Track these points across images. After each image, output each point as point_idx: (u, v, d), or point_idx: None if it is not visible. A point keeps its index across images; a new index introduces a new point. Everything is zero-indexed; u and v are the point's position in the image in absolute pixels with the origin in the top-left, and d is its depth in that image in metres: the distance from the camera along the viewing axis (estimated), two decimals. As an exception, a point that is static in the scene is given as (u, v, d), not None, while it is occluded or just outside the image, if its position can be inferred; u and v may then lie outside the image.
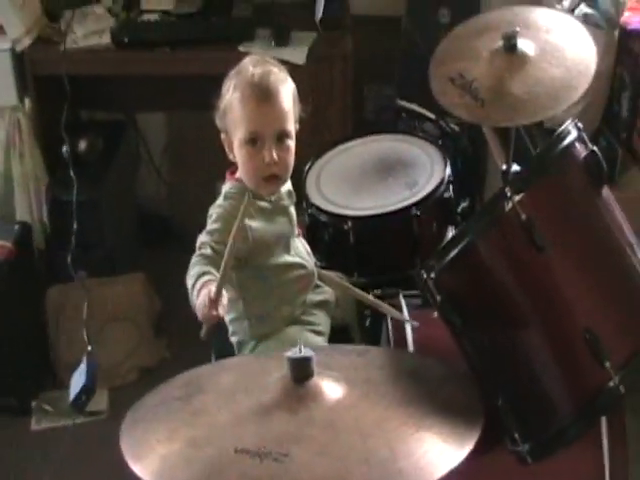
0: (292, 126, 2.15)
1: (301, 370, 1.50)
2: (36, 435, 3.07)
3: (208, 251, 2.03)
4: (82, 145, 3.36)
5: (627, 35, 3.05)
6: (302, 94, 2.20)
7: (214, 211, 2.15)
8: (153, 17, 3.43)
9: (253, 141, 2.10)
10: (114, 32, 3.31)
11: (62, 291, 3.26)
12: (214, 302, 1.80)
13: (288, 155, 2.15)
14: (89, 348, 1.83)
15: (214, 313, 1.81)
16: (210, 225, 2.12)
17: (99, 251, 3.24)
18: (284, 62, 2.29)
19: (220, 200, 2.19)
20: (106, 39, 3.29)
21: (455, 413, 1.51)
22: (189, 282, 1.96)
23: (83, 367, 1.82)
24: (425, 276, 1.77)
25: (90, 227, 3.25)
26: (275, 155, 2.10)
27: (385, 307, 2.09)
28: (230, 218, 2.10)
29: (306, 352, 1.51)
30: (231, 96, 2.13)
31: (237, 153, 2.15)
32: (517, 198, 1.70)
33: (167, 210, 3.88)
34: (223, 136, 2.19)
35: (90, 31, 3.27)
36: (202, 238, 2.08)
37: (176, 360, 3.23)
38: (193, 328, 1.89)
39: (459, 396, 1.59)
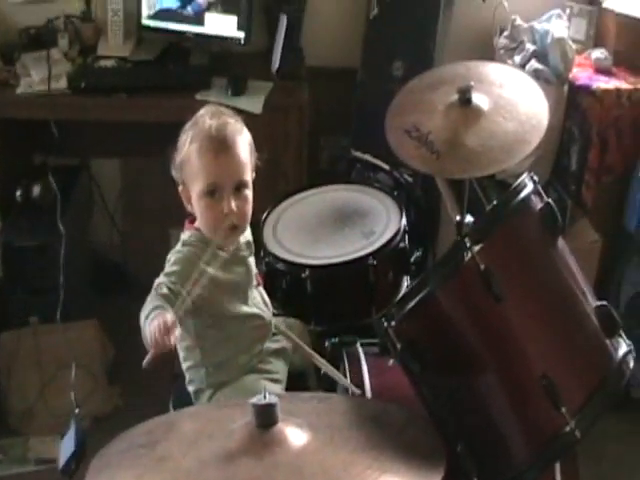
0: (249, 176, 2.17)
1: (266, 416, 1.52)
2: (-13, 483, 3.03)
3: (164, 290, 2.02)
4: (36, 190, 3.35)
5: (575, 90, 3.16)
6: (258, 143, 2.22)
7: (173, 256, 2.16)
8: (110, 63, 3.43)
9: (212, 192, 2.11)
10: (71, 77, 3.31)
11: (14, 337, 3.22)
12: (167, 329, 1.79)
13: (246, 205, 2.16)
14: (76, 411, 1.80)
15: (166, 339, 1.78)
16: (168, 268, 2.11)
17: (51, 297, 3.19)
18: (240, 111, 2.30)
19: (179, 246, 2.19)
20: (62, 84, 3.28)
21: (418, 457, 1.53)
22: (143, 314, 1.94)
23: (72, 433, 1.79)
24: (386, 324, 1.80)
25: (43, 273, 3.22)
26: (234, 205, 2.11)
27: (332, 371, 2.12)
28: (188, 262, 2.11)
29: (270, 399, 1.53)
30: (188, 148, 2.13)
31: (195, 204, 2.16)
32: (476, 248, 1.75)
33: (120, 257, 3.85)
34: (181, 188, 2.19)
35: (46, 75, 3.27)
36: (159, 279, 2.07)
37: (130, 409, 3.19)
38: (147, 377, 1.88)
39: (421, 440, 1.61)
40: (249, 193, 2.16)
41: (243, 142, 2.16)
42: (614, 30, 3.32)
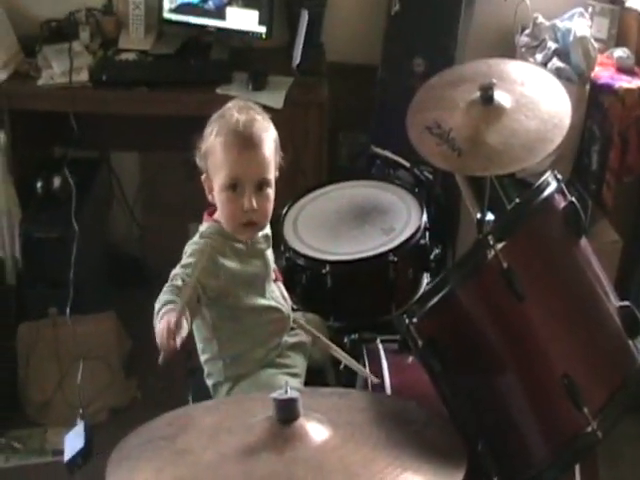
0: (272, 175, 2.17)
1: (287, 411, 1.52)
2: (5, 473, 3.03)
3: (179, 282, 2.03)
4: (56, 182, 3.35)
5: (597, 89, 3.14)
6: (279, 138, 2.21)
7: (190, 248, 2.17)
8: (131, 56, 3.45)
9: (233, 187, 2.11)
10: (92, 70, 3.32)
11: (33, 328, 3.23)
12: (172, 332, 1.80)
13: (267, 203, 2.16)
14: (81, 410, 1.82)
15: (171, 342, 1.80)
16: (185, 260, 2.13)
17: (70, 289, 3.20)
18: (261, 106, 2.29)
19: (196, 238, 2.20)
20: (84, 76, 3.29)
21: (439, 455, 1.53)
22: (156, 306, 1.97)
23: (80, 429, 1.80)
24: (407, 321, 1.80)
25: (62, 265, 3.21)
26: (254, 203, 2.11)
27: (351, 362, 2.12)
28: (205, 254, 2.11)
29: (292, 393, 1.53)
30: (214, 140, 2.13)
31: (217, 196, 2.16)
32: (499, 246, 1.74)
33: (139, 251, 3.86)
34: (203, 177, 2.20)
35: (68, 68, 3.27)
36: (175, 271, 2.09)
37: (147, 401, 3.21)
38: (164, 369, 1.88)
39: (442, 439, 1.61)
40: (271, 192, 2.16)
41: (269, 140, 2.16)
42: (636, 29, 3.30)
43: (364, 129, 3.59)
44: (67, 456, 1.74)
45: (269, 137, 2.16)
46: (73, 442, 1.77)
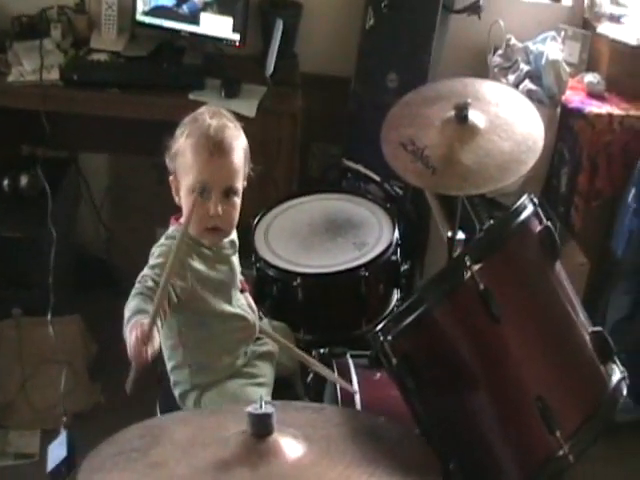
0: (240, 184, 2.16)
1: (261, 426, 1.51)
2: (-36, 477, 3.00)
3: (149, 283, 2.00)
4: (23, 181, 3.31)
5: (568, 113, 3.18)
6: (251, 147, 2.21)
7: (157, 249, 2.15)
8: (103, 57, 3.41)
9: (200, 191, 2.11)
10: (63, 68, 3.28)
11: (-5, 328, 3.20)
12: (144, 343, 1.78)
13: (233, 211, 2.16)
14: (64, 419, 1.81)
15: (143, 355, 1.78)
16: (153, 260, 2.10)
17: (35, 290, 3.18)
18: (233, 114, 2.26)
19: (163, 239, 2.19)
20: (54, 75, 3.25)
21: (413, 471, 1.54)
22: (126, 314, 1.93)
23: (63, 438, 1.78)
24: (382, 338, 1.80)
25: (27, 265, 3.20)
26: (220, 209, 2.11)
27: (320, 367, 2.12)
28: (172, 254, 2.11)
29: (267, 408, 1.52)
30: (185, 141, 2.12)
31: (183, 198, 2.15)
32: (476, 268, 1.75)
33: (105, 253, 3.83)
34: (171, 178, 2.19)
35: (38, 66, 3.24)
36: (144, 272, 2.06)
37: (110, 406, 3.17)
38: (129, 374, 1.86)
39: (417, 455, 1.62)
40: (237, 200, 2.16)
41: (239, 148, 2.16)
42: (607, 55, 3.35)
43: (336, 141, 3.60)
44: (50, 466, 1.72)
45: (239, 145, 2.16)
46: (56, 451, 1.75)
